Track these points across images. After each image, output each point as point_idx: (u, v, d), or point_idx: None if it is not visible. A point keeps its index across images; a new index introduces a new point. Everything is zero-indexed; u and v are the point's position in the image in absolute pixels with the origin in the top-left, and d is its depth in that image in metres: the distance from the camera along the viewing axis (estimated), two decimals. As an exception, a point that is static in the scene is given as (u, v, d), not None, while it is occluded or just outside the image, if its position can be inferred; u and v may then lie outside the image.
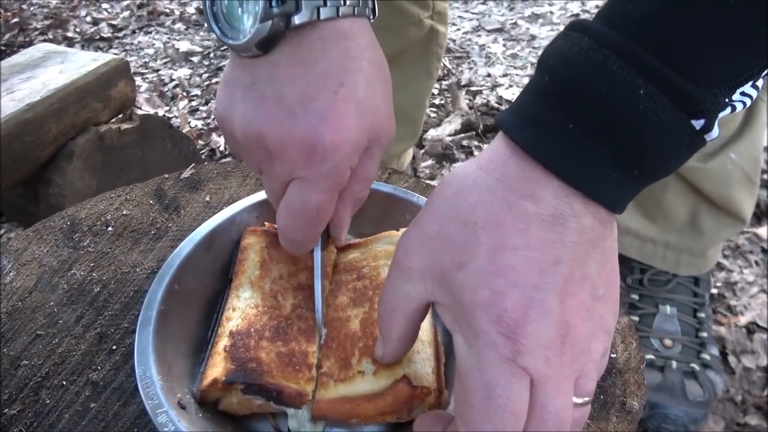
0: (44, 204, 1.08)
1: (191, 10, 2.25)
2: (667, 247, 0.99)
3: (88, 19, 2.18)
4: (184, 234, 0.58)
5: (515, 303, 0.32)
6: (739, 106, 0.35)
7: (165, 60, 1.95)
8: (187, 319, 0.49)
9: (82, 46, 2.02)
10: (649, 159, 0.33)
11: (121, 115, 1.16)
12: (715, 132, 0.33)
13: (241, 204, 0.57)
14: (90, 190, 1.08)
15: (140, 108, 1.22)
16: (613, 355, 0.50)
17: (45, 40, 2.00)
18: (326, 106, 0.40)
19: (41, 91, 1.02)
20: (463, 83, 1.77)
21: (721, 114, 0.33)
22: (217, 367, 0.43)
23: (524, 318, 0.32)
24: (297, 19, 0.40)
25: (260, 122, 0.42)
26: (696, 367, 0.94)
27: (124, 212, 0.62)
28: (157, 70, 1.89)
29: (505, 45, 2.00)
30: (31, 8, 2.21)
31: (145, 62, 1.94)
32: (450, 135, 1.57)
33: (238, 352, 0.44)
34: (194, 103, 1.73)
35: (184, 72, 1.87)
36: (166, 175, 0.67)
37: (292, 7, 0.39)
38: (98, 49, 2.02)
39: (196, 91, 1.78)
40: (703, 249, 0.99)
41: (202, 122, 1.65)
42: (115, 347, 0.50)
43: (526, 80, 1.80)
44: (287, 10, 0.39)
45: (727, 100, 0.33)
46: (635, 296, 1.02)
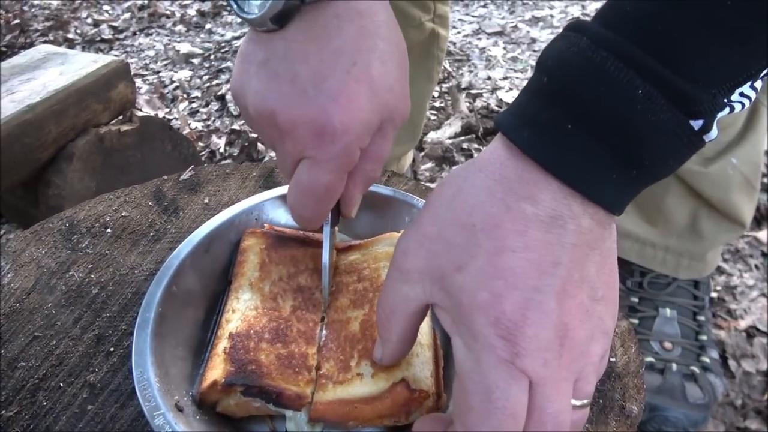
0: (44, 205, 1.08)
1: (192, 12, 2.25)
2: (667, 251, 0.99)
3: (89, 20, 2.18)
4: (182, 236, 0.57)
5: (514, 305, 0.32)
6: (738, 107, 0.35)
7: (165, 62, 1.95)
8: (186, 321, 0.49)
9: (83, 48, 2.02)
10: (648, 159, 0.33)
11: (121, 117, 1.16)
12: (714, 133, 0.33)
13: (241, 206, 0.57)
14: (90, 192, 1.08)
15: (140, 110, 1.22)
16: (612, 359, 0.50)
17: (46, 42, 2.00)
18: (338, 86, 0.41)
19: (41, 93, 1.02)
20: (463, 86, 1.77)
21: (720, 114, 0.33)
22: (216, 369, 0.43)
23: (523, 320, 0.32)
24: None
25: (272, 100, 0.42)
26: (696, 369, 0.94)
27: (123, 214, 0.62)
28: (158, 72, 1.90)
29: (505, 48, 2.00)
30: (32, 10, 2.21)
31: (146, 64, 1.95)
32: (450, 138, 1.57)
33: (238, 354, 0.44)
34: (194, 105, 1.74)
35: (184, 74, 1.88)
36: (165, 177, 0.67)
37: None
38: (99, 50, 2.02)
39: (197, 93, 1.78)
40: (703, 253, 0.99)
41: (202, 124, 1.65)
42: (112, 349, 0.50)
43: (526, 83, 1.80)
44: None
45: (726, 101, 0.33)
46: (635, 299, 1.02)
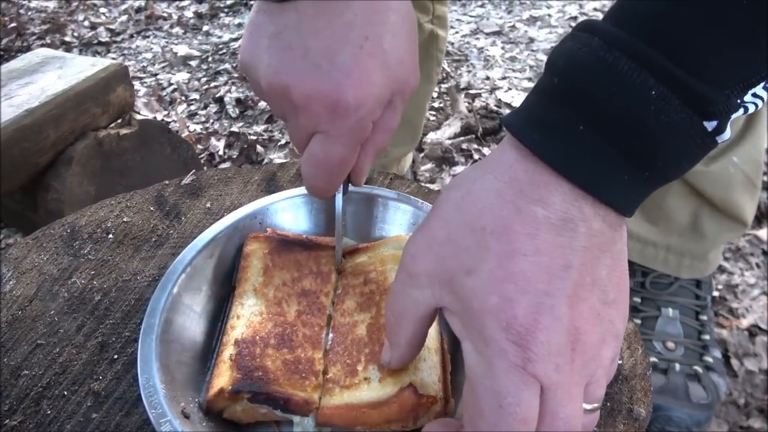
0: (43, 210, 1.08)
1: (189, 14, 2.24)
2: (668, 251, 0.99)
3: (86, 23, 2.17)
4: (185, 241, 0.57)
5: (525, 310, 0.32)
6: (751, 108, 0.34)
7: (163, 64, 1.95)
8: (191, 326, 0.48)
9: (80, 51, 2.01)
10: (661, 161, 0.32)
11: (119, 121, 1.15)
12: (728, 133, 0.33)
13: (244, 210, 0.56)
14: (89, 196, 1.07)
15: (138, 112, 1.22)
16: (620, 362, 0.49)
17: (43, 45, 2.00)
18: (351, 61, 0.41)
19: (40, 97, 1.02)
20: (462, 86, 1.77)
21: (734, 115, 0.33)
22: (223, 377, 0.43)
23: (534, 325, 0.32)
24: None
25: (285, 74, 0.42)
26: (699, 369, 0.94)
27: (125, 219, 0.62)
28: (156, 75, 1.89)
29: (503, 48, 2.00)
30: (29, 13, 2.20)
31: (143, 66, 1.94)
32: (449, 138, 1.57)
33: (244, 361, 0.44)
34: (193, 108, 1.73)
35: (182, 76, 1.87)
36: (167, 182, 0.66)
37: None
38: (96, 53, 2.01)
39: (195, 96, 1.78)
40: (705, 252, 0.99)
41: (200, 126, 1.64)
42: (116, 356, 0.50)
43: (525, 83, 1.80)
44: None
45: (739, 102, 0.33)
46: (637, 299, 1.02)
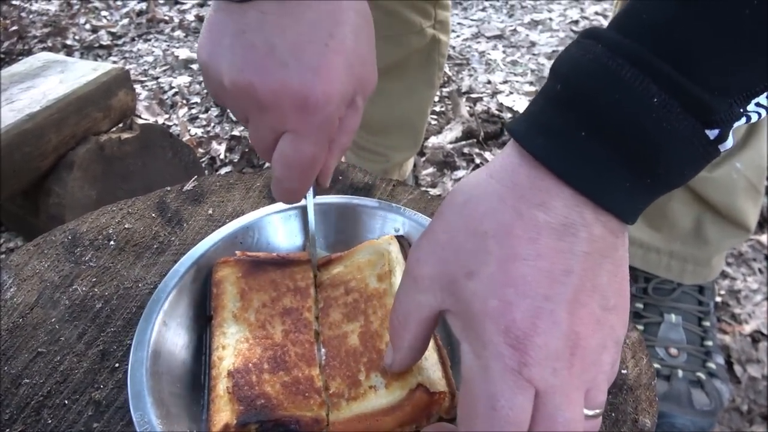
0: (44, 214, 1.07)
1: (190, 17, 2.25)
2: (671, 256, 0.99)
3: (87, 26, 2.17)
4: (187, 248, 0.57)
5: (524, 314, 0.32)
6: (754, 117, 0.34)
7: (164, 68, 1.95)
8: (179, 355, 0.48)
9: (82, 54, 2.01)
10: (662, 168, 0.32)
11: (121, 125, 1.15)
12: (730, 142, 0.33)
13: (224, 231, 0.56)
14: (90, 201, 1.07)
15: (140, 116, 1.22)
16: (624, 371, 0.49)
17: (44, 48, 2.00)
18: (318, 58, 0.41)
19: (41, 101, 1.02)
20: (463, 90, 1.77)
21: (736, 124, 0.33)
22: (223, 412, 0.42)
23: (533, 329, 0.32)
24: None
25: (250, 72, 0.41)
26: (702, 376, 0.94)
27: (126, 226, 0.62)
28: (157, 78, 1.89)
29: (504, 52, 2.00)
30: (30, 16, 2.20)
31: (145, 70, 1.94)
32: (451, 142, 1.56)
33: (243, 391, 0.42)
34: (194, 111, 1.73)
35: (183, 80, 1.87)
36: (168, 188, 0.66)
37: None
38: (97, 56, 2.01)
39: (196, 99, 1.78)
40: (708, 258, 0.99)
41: (201, 130, 1.64)
42: (117, 365, 0.49)
43: (526, 87, 1.80)
44: None
45: (742, 110, 0.33)
46: (640, 305, 1.02)
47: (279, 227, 0.58)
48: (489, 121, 1.63)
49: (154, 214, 0.63)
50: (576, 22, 2.16)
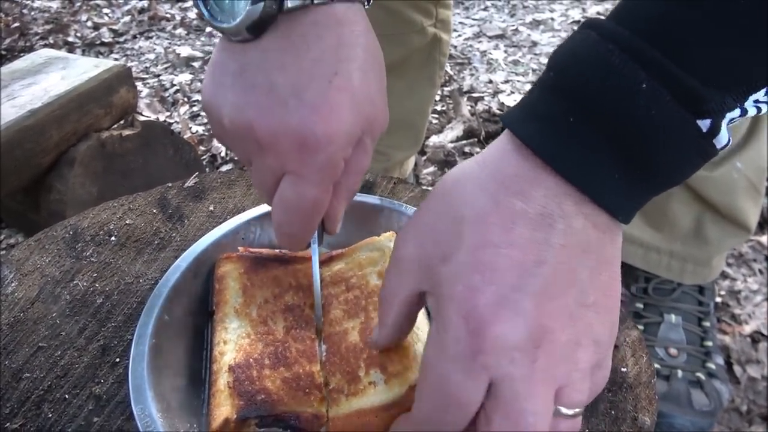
0: (45, 211, 1.07)
1: (192, 15, 2.25)
2: (671, 256, 0.99)
3: (89, 23, 2.17)
4: (188, 244, 0.57)
5: (487, 301, 0.32)
6: (752, 111, 0.33)
7: (166, 65, 1.95)
8: (180, 350, 0.48)
9: (83, 51, 2.01)
10: (653, 160, 0.32)
11: (122, 122, 1.15)
12: (725, 137, 0.32)
13: (225, 227, 0.56)
14: (91, 197, 1.07)
15: (141, 113, 1.22)
16: (624, 369, 0.49)
17: (46, 45, 2.00)
18: (319, 96, 0.39)
19: (43, 98, 1.02)
20: (464, 89, 1.77)
21: (730, 115, 0.32)
22: (224, 406, 0.42)
23: (493, 318, 0.32)
24: (290, 2, 0.39)
25: (250, 111, 0.40)
26: (701, 376, 0.94)
27: (128, 222, 0.62)
28: (158, 76, 1.89)
29: (506, 51, 2.00)
30: (32, 13, 2.20)
31: (146, 67, 1.94)
32: (452, 141, 1.56)
33: (243, 386, 0.42)
34: (195, 109, 1.73)
35: (185, 77, 1.87)
36: (170, 184, 0.66)
37: None
38: (99, 54, 2.01)
39: (197, 97, 1.78)
40: (708, 258, 0.99)
41: (203, 128, 1.64)
42: (118, 360, 0.49)
43: (528, 86, 1.80)
44: None
45: (739, 105, 0.32)
46: (640, 305, 1.02)
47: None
48: (490, 121, 1.63)
49: (155, 210, 0.63)
50: (577, 22, 2.16)
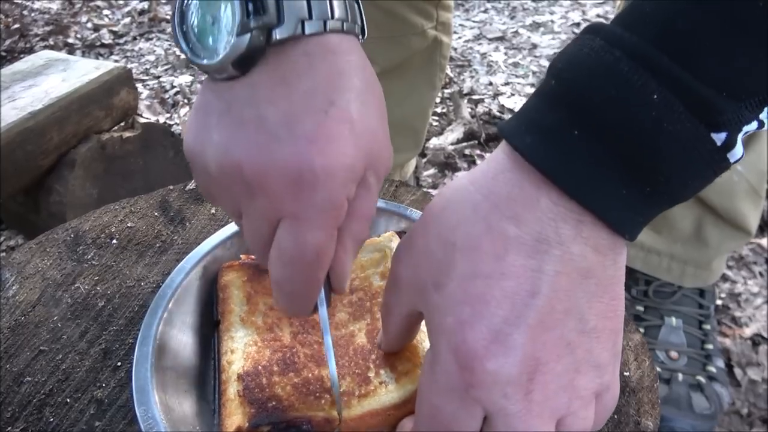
0: (45, 212, 1.07)
1: (192, 16, 2.24)
2: (672, 259, 0.99)
3: (89, 25, 2.17)
4: (189, 247, 0.57)
5: (477, 335, 0.31)
6: None
7: (166, 67, 1.95)
8: (184, 352, 0.48)
9: (83, 53, 2.01)
10: (662, 175, 0.30)
11: (123, 124, 1.15)
12: (739, 151, 0.31)
13: (228, 229, 0.55)
14: (91, 199, 1.07)
15: (141, 115, 1.22)
16: (626, 374, 0.49)
17: (46, 47, 2.00)
18: (315, 128, 0.34)
19: (43, 99, 1.02)
20: (465, 92, 1.77)
21: (746, 128, 0.30)
22: (235, 415, 0.42)
23: (484, 352, 0.31)
24: (278, 34, 0.34)
25: (238, 150, 0.34)
26: (702, 379, 0.94)
27: (129, 224, 0.62)
28: (158, 77, 1.89)
29: (506, 54, 2.00)
30: (32, 14, 2.20)
31: (146, 69, 1.94)
32: (452, 144, 1.56)
33: (254, 394, 0.42)
34: (195, 111, 1.73)
35: (185, 79, 1.87)
36: (171, 187, 0.66)
37: (273, 18, 0.33)
38: (99, 55, 2.01)
39: (197, 99, 1.78)
40: (708, 261, 0.99)
41: (203, 130, 1.64)
42: (120, 363, 0.49)
43: (528, 89, 1.80)
44: (268, 21, 0.33)
45: (754, 117, 0.30)
46: (640, 308, 1.02)
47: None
48: (490, 123, 1.63)
49: (156, 213, 0.63)
50: (577, 25, 2.16)
